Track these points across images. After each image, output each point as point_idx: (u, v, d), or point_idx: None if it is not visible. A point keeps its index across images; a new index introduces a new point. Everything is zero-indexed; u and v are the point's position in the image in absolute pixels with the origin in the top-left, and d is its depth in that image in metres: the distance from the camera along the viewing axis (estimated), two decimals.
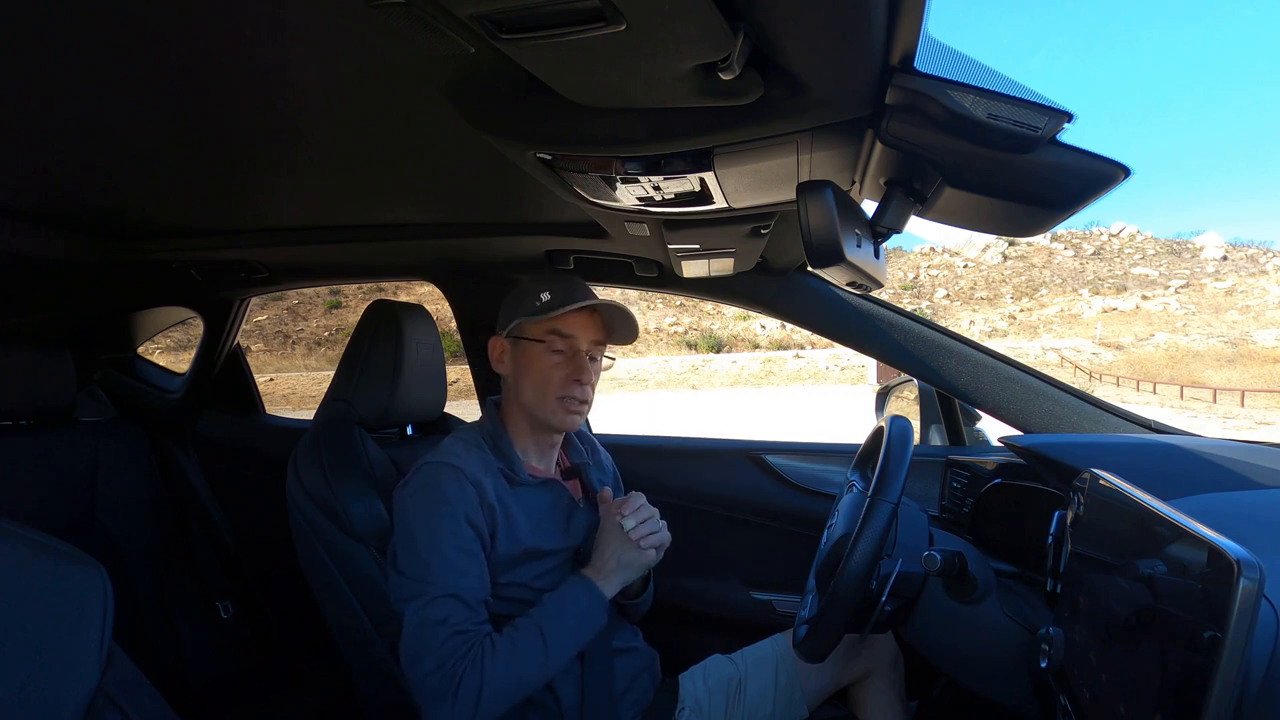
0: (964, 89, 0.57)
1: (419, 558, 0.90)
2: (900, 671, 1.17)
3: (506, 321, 1.04)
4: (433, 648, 0.85)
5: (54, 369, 1.51)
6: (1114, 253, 44.26)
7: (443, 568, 0.89)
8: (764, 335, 35.34)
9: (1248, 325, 33.83)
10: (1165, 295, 39.00)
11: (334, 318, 36.79)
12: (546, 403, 1.01)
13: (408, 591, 0.89)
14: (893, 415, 0.95)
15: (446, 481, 0.93)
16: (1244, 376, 23.73)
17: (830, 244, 0.66)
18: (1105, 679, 0.61)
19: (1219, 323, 35.18)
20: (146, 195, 1.13)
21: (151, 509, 1.63)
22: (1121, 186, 0.62)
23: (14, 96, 0.72)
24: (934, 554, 0.83)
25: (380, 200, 1.16)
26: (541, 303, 1.01)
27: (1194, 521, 0.52)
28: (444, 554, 0.90)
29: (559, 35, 0.50)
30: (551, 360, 1.01)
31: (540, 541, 0.99)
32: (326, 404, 1.25)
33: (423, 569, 0.89)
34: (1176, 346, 30.08)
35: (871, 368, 25.21)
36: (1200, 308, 37.35)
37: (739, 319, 35.78)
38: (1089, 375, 27.84)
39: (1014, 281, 44.42)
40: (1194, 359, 27.56)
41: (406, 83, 0.69)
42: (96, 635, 0.52)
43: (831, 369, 28.07)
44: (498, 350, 1.07)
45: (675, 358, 30.81)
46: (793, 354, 31.07)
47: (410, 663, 0.86)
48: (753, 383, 26.98)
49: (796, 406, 18.56)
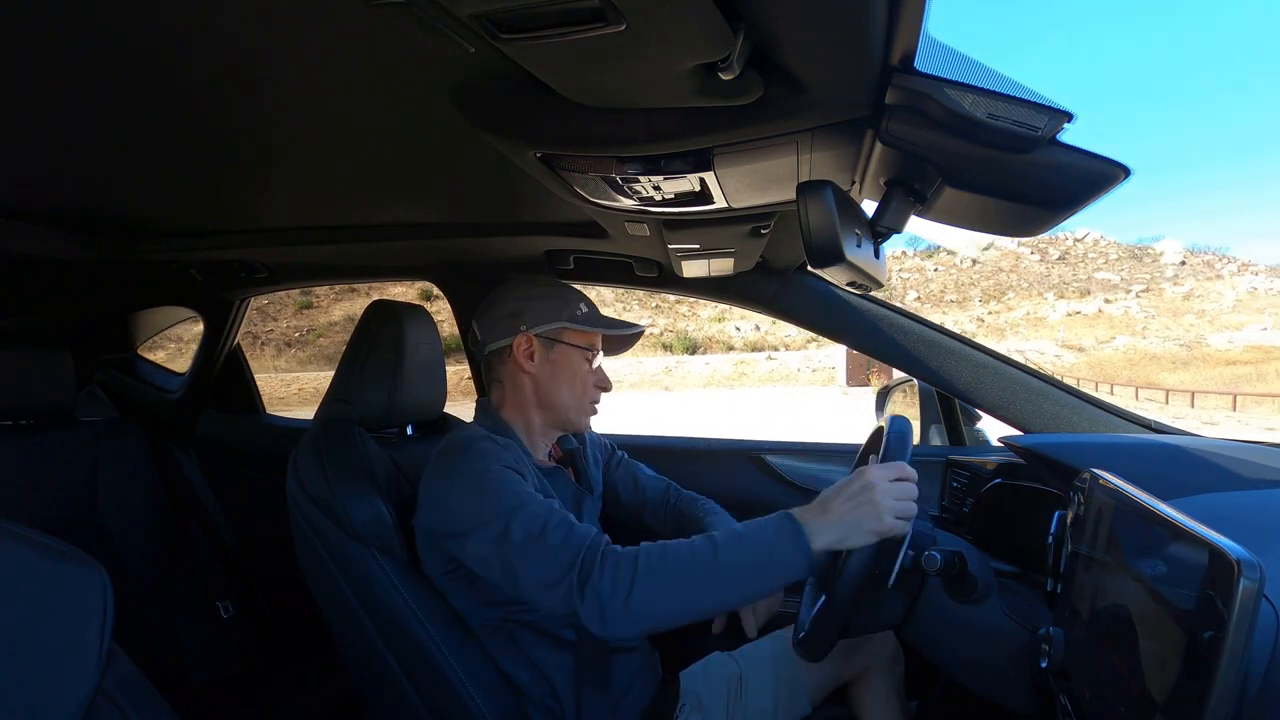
0: (964, 89, 0.57)
1: (481, 505, 0.87)
2: (900, 669, 1.17)
3: (538, 321, 1.05)
4: (556, 552, 0.79)
5: (54, 369, 1.50)
6: (1079, 257, 45.23)
7: (508, 500, 0.86)
8: (739, 337, 35.54)
9: (1203, 328, 35.00)
10: (1127, 299, 40.30)
11: (305, 318, 36.71)
12: (582, 406, 1.09)
13: (487, 537, 0.84)
14: (892, 415, 0.94)
15: (482, 444, 0.95)
16: (1197, 378, 24.49)
17: (830, 244, 0.66)
18: (1105, 679, 0.61)
19: (1176, 326, 36.25)
20: (146, 195, 1.13)
21: (151, 509, 1.63)
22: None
23: (14, 97, 0.72)
24: (934, 554, 0.83)
25: (381, 200, 1.16)
26: (583, 313, 1.07)
27: (1194, 521, 0.52)
28: (512, 490, 0.87)
29: (559, 35, 0.50)
30: (587, 368, 1.08)
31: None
32: (327, 404, 1.24)
33: (495, 507, 0.85)
34: (1135, 349, 31.15)
35: (840, 369, 25.84)
36: (1159, 311, 38.55)
37: (714, 320, 35.85)
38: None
39: (982, 285, 45.19)
40: (1151, 361, 28.42)
41: (406, 83, 0.69)
42: (96, 635, 0.52)
43: (803, 370, 28.39)
44: (524, 347, 1.05)
45: (649, 359, 30.98)
46: (765, 355, 31.42)
47: (545, 588, 0.79)
48: (725, 384, 27.27)
49: (767, 407, 18.90)
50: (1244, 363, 26.78)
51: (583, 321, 1.06)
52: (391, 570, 1.01)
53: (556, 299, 1.08)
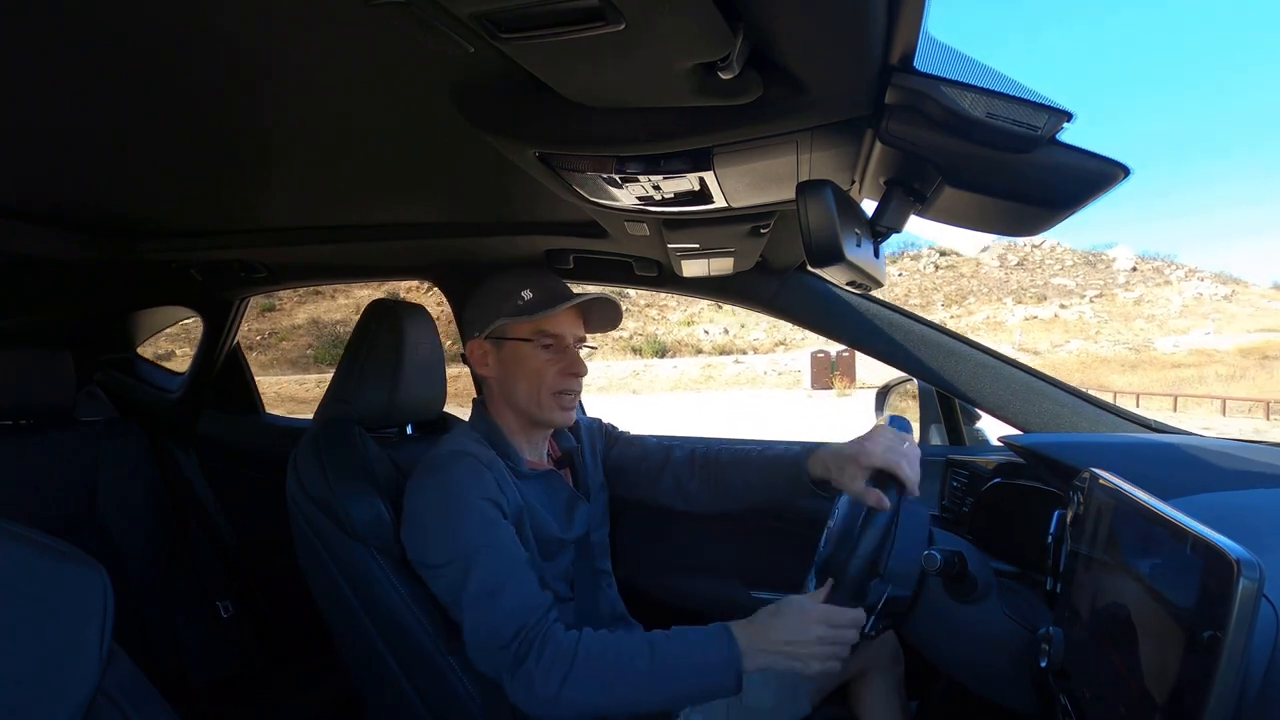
0: (963, 88, 0.57)
1: (449, 542, 0.88)
2: (900, 668, 1.17)
3: (484, 323, 1.02)
4: (503, 618, 0.80)
5: (54, 369, 1.50)
6: (1036, 264, 46.39)
7: (478, 541, 0.86)
8: (707, 340, 35.66)
9: (1151, 333, 36.31)
10: (1081, 304, 41.37)
11: (267, 321, 36.28)
12: (543, 401, 1.01)
13: (446, 575, 0.86)
14: (891, 415, 0.95)
15: (460, 467, 0.93)
16: (1143, 380, 25.50)
17: (830, 243, 0.66)
18: (1105, 679, 0.61)
19: (1127, 330, 37.44)
20: (146, 195, 1.13)
21: (151, 509, 1.63)
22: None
23: (14, 97, 0.72)
24: (934, 554, 0.83)
25: (380, 200, 1.16)
26: (525, 301, 1.00)
27: (1194, 521, 0.52)
28: (481, 531, 0.87)
29: (558, 34, 0.50)
30: (542, 357, 1.01)
31: (551, 529, 0.99)
32: (327, 404, 1.25)
33: (458, 547, 0.86)
34: (1088, 353, 32.12)
35: (805, 372, 26.02)
36: (1111, 316, 39.76)
37: (683, 324, 35.86)
38: None
39: (945, 290, 45.91)
40: (1102, 364, 29.40)
41: (406, 83, 0.69)
42: (96, 635, 0.52)
43: (769, 374, 28.58)
44: (478, 353, 1.05)
45: (618, 363, 31.06)
46: (733, 359, 31.53)
47: (481, 649, 0.81)
48: (693, 387, 27.34)
49: (733, 410, 19.14)
50: (1188, 365, 28.13)
51: (522, 311, 0.99)
52: (391, 570, 1.01)
53: (496, 294, 1.02)
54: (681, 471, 1.15)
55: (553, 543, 0.99)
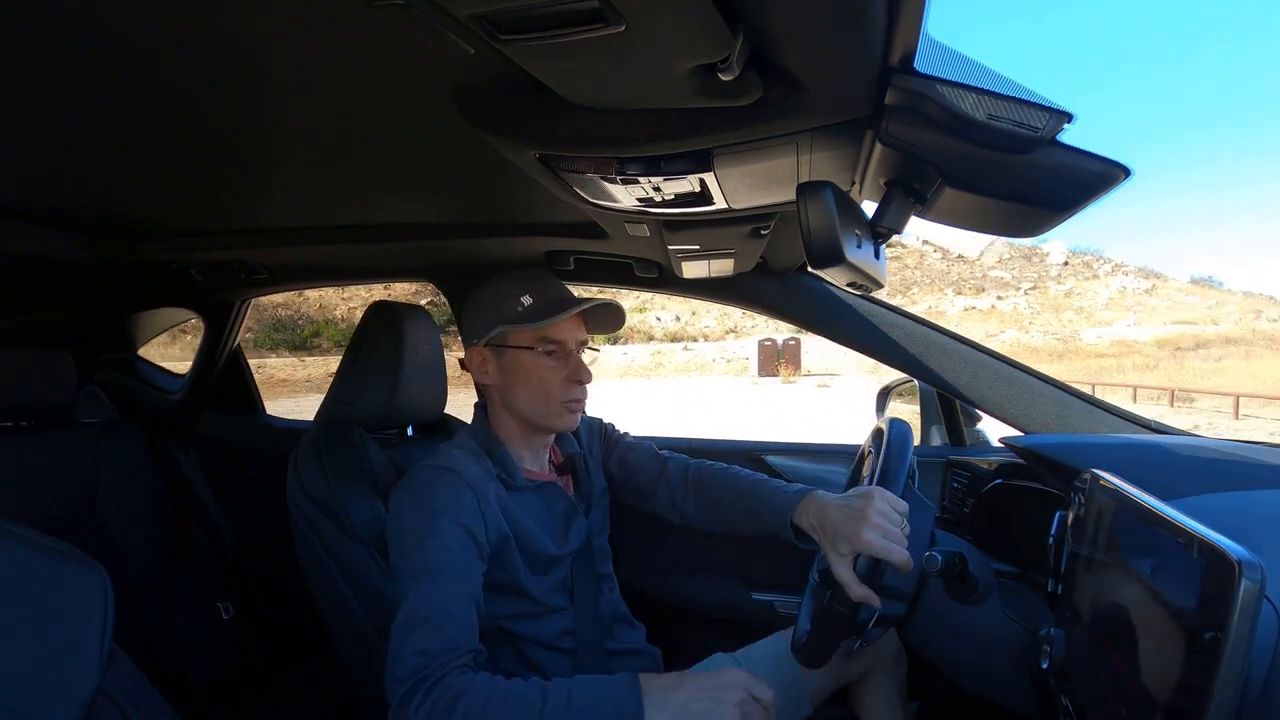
0: (964, 89, 0.57)
1: (404, 560, 0.85)
2: (903, 669, 1.16)
3: (483, 329, 0.99)
4: (410, 652, 0.76)
5: (54, 369, 1.50)
6: (976, 257, 47.18)
7: (429, 566, 0.83)
8: (659, 328, 35.86)
9: (1079, 324, 37.49)
10: (1016, 296, 42.48)
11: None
12: (550, 409, 0.99)
13: (397, 591, 0.84)
14: (892, 418, 0.95)
15: (441, 485, 0.90)
16: (1069, 370, 26.59)
17: (830, 244, 0.66)
18: (1106, 680, 0.61)
19: (1057, 322, 38.55)
20: (146, 195, 1.13)
21: (151, 509, 1.63)
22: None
23: (14, 97, 0.72)
24: (934, 554, 0.83)
25: (380, 200, 1.16)
26: (524, 308, 0.97)
27: (1194, 522, 0.52)
28: (435, 557, 0.84)
29: (558, 36, 0.50)
30: (546, 366, 0.98)
31: (543, 545, 0.98)
32: (327, 404, 1.25)
33: (410, 568, 0.84)
34: (1019, 343, 33.43)
35: (753, 360, 26.16)
36: (1044, 308, 40.85)
37: (635, 311, 35.74)
38: None
39: (890, 280, 47.42)
40: (1032, 354, 30.48)
41: (406, 83, 0.69)
42: (97, 636, 0.52)
43: (718, 361, 29.00)
44: (478, 360, 1.02)
45: None
46: (683, 346, 31.82)
47: (386, 671, 0.77)
48: (642, 374, 27.51)
49: (681, 396, 19.38)
50: (1109, 355, 29.54)
51: (522, 319, 0.96)
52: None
53: (494, 301, 0.99)
54: (676, 489, 1.13)
55: (544, 559, 0.97)
